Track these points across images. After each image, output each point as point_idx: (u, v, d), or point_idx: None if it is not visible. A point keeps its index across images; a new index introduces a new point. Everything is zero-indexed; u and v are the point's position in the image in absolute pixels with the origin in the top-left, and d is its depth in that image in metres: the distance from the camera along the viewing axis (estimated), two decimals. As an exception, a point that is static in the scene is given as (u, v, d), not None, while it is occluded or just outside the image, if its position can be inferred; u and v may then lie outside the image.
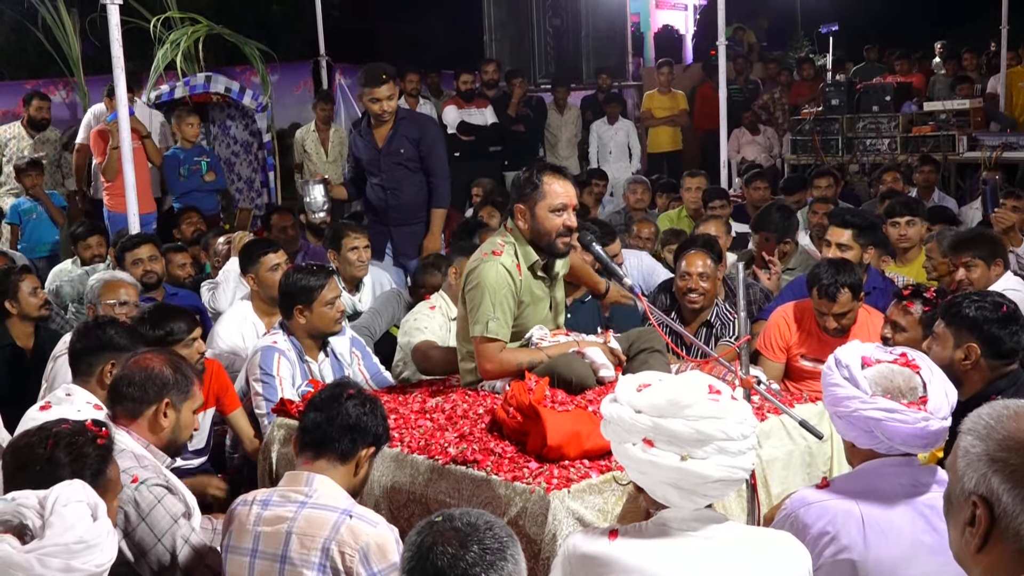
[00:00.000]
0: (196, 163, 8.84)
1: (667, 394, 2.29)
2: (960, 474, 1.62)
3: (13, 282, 5.02)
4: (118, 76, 5.77)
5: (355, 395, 2.93)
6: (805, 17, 17.38)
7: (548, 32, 14.18)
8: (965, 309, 3.40)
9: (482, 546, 1.98)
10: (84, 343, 3.71)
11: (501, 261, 3.79)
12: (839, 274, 4.47)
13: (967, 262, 4.73)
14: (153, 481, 3.02)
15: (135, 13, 9.47)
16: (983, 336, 3.35)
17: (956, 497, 1.64)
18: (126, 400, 3.16)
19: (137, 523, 2.95)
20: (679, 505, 2.29)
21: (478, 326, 3.76)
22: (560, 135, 11.40)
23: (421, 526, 2.05)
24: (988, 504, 1.56)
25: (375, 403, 2.96)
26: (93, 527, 2.22)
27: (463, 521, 2.02)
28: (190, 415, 3.27)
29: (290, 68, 12.23)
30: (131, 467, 3.01)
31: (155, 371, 3.18)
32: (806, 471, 3.47)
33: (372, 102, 6.10)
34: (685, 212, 7.95)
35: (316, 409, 2.90)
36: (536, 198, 3.82)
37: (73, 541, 2.17)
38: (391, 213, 6.31)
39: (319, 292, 4.39)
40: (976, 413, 1.65)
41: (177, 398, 3.21)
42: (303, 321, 4.41)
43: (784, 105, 12.33)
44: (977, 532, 1.57)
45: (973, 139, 9.53)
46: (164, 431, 3.19)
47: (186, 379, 3.25)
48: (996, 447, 1.58)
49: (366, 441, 2.88)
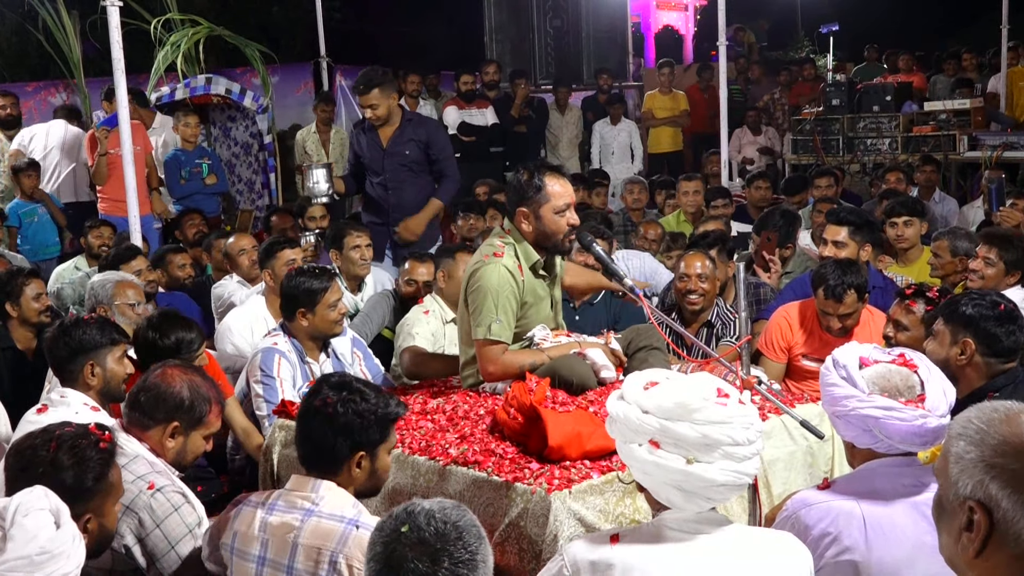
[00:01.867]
0: (197, 166, 8.85)
1: (675, 396, 2.27)
2: (953, 479, 1.61)
3: (18, 285, 4.99)
4: (118, 78, 5.77)
5: (320, 408, 2.80)
6: (805, 17, 17.39)
7: (548, 33, 14.18)
8: (963, 307, 3.42)
9: (453, 560, 1.96)
10: (57, 352, 3.70)
11: (503, 263, 3.79)
12: (846, 275, 4.46)
13: (990, 258, 4.74)
14: (171, 488, 3.01)
15: (136, 15, 9.49)
16: (979, 332, 3.36)
17: (949, 503, 1.62)
18: (138, 411, 3.15)
19: (152, 529, 2.95)
20: (682, 507, 2.29)
21: (480, 328, 3.76)
22: (561, 136, 11.41)
23: (386, 533, 2.00)
24: (987, 510, 1.55)
25: (347, 403, 2.79)
26: (56, 535, 2.16)
27: (431, 530, 1.98)
28: (200, 441, 3.22)
29: (291, 69, 12.24)
30: (147, 473, 3.00)
31: (171, 390, 3.14)
32: (807, 471, 3.47)
33: (361, 108, 6.28)
34: (683, 216, 7.94)
35: (297, 425, 2.88)
36: (540, 200, 3.83)
37: (36, 552, 2.11)
38: (392, 213, 6.33)
39: (322, 295, 4.38)
40: (964, 417, 1.64)
41: (187, 423, 3.16)
42: (305, 324, 4.41)
43: (784, 105, 12.34)
44: (976, 538, 1.56)
45: (974, 139, 9.53)
46: (168, 453, 3.15)
47: (203, 405, 3.18)
48: (991, 452, 1.57)
49: (349, 447, 2.79)
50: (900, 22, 17.96)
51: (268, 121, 10.03)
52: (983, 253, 4.81)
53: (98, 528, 2.62)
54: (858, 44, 14.63)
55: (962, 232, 5.59)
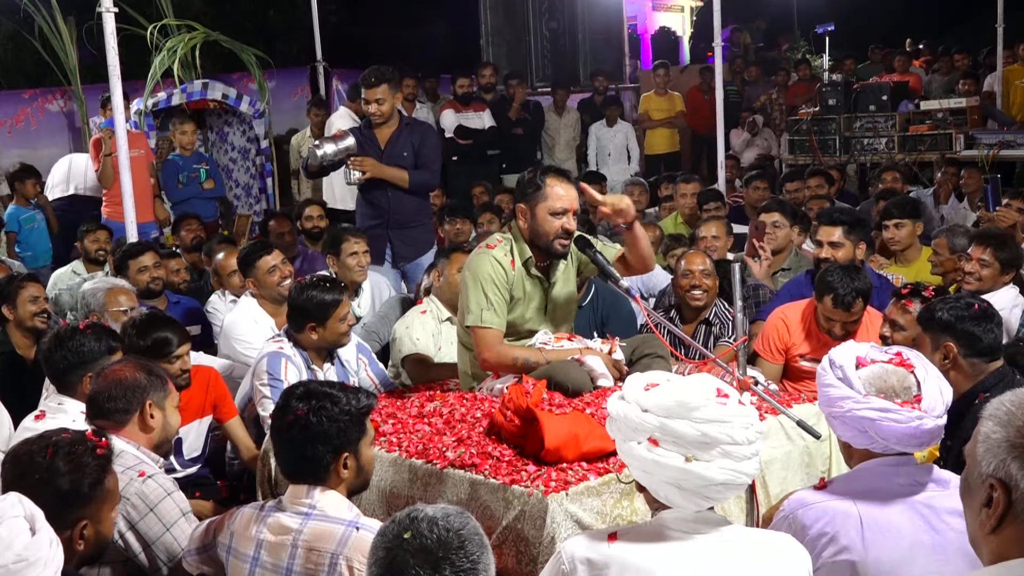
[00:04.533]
0: (195, 170, 8.85)
1: (675, 395, 2.29)
2: (979, 459, 1.67)
3: (15, 288, 4.99)
4: (114, 84, 5.77)
5: (293, 423, 2.79)
6: (801, 17, 17.40)
7: (545, 35, 14.19)
8: (938, 312, 3.45)
9: (455, 568, 1.96)
10: (54, 364, 3.72)
11: (493, 254, 3.87)
12: (854, 282, 4.41)
13: (984, 259, 4.74)
14: (161, 476, 3.09)
15: (132, 21, 9.49)
16: (957, 334, 3.39)
17: (973, 480, 1.68)
18: (109, 414, 3.18)
19: (145, 513, 3.01)
20: (681, 506, 2.30)
21: (471, 315, 3.81)
22: (558, 138, 11.42)
23: (389, 539, 2.01)
24: (1006, 488, 1.60)
25: (319, 412, 2.78)
26: (32, 542, 2.11)
27: (433, 537, 1.98)
28: (173, 410, 3.31)
29: (287, 74, 12.24)
30: (136, 464, 3.07)
31: (130, 379, 3.21)
32: (804, 471, 3.47)
33: (364, 103, 6.25)
34: (680, 218, 7.94)
35: (275, 444, 2.90)
36: (538, 199, 3.87)
37: (12, 561, 2.06)
38: (391, 216, 6.32)
39: (334, 309, 4.32)
40: (999, 400, 1.69)
41: (158, 397, 3.25)
42: (315, 337, 4.34)
43: (781, 105, 12.34)
44: (993, 514, 1.62)
45: (970, 138, 9.53)
46: (155, 430, 3.23)
47: (160, 378, 3.29)
48: (1016, 434, 1.62)
49: (332, 452, 2.79)
50: (896, 22, 17.98)
51: (265, 126, 10.03)
52: (977, 255, 4.81)
53: (95, 534, 2.62)
54: (854, 44, 14.64)
55: (961, 229, 5.60)
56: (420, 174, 6.32)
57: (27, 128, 10.15)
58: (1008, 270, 4.77)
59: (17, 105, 10.49)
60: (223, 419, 4.45)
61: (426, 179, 6.40)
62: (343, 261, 5.65)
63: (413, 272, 6.33)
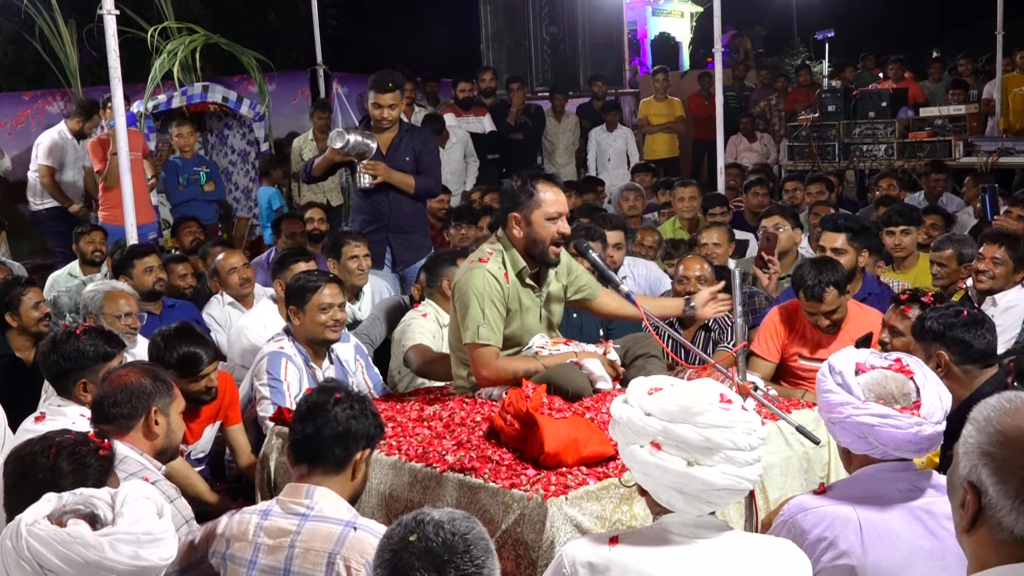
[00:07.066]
0: (195, 173, 8.85)
1: (679, 400, 2.30)
2: (958, 460, 1.69)
3: (16, 295, 4.98)
4: (115, 86, 5.77)
5: (341, 399, 2.87)
6: (801, 24, 17.41)
7: (545, 40, 14.18)
8: (927, 322, 3.47)
9: (459, 572, 1.96)
10: (49, 368, 3.72)
11: (487, 268, 3.84)
12: (822, 273, 4.49)
13: (998, 257, 4.74)
14: (164, 483, 3.08)
15: (132, 23, 9.48)
16: (948, 341, 3.40)
17: (954, 480, 1.71)
18: (114, 419, 3.17)
19: None
20: (683, 510, 2.30)
21: (468, 332, 3.79)
22: (558, 143, 11.43)
23: (395, 541, 2.01)
24: (977, 492, 1.62)
25: (363, 402, 2.92)
26: (159, 523, 2.31)
27: (438, 540, 1.98)
28: (178, 417, 3.30)
29: (288, 77, 12.23)
30: (140, 470, 3.06)
31: (136, 385, 3.19)
32: (804, 477, 3.48)
33: (375, 107, 6.23)
34: (679, 223, 7.94)
35: (304, 420, 2.87)
36: (531, 206, 3.87)
37: (142, 532, 2.25)
38: (391, 220, 6.34)
39: (311, 295, 4.37)
40: (985, 402, 1.71)
41: (163, 403, 3.23)
42: (297, 323, 4.43)
43: (781, 112, 12.35)
44: (966, 515, 1.64)
45: (969, 144, 9.55)
46: (159, 437, 3.21)
47: (165, 383, 3.27)
48: (987, 440, 1.63)
49: (359, 445, 2.85)
50: (895, 28, 17.99)
51: (265, 129, 10.03)
52: (990, 253, 4.80)
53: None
54: (853, 51, 14.65)
55: (967, 239, 5.57)
56: (425, 180, 6.37)
57: (27, 130, 10.11)
58: (1020, 269, 4.77)
59: (17, 107, 10.47)
60: (227, 424, 4.45)
61: (430, 185, 6.48)
62: (343, 264, 5.65)
63: (411, 276, 6.34)
